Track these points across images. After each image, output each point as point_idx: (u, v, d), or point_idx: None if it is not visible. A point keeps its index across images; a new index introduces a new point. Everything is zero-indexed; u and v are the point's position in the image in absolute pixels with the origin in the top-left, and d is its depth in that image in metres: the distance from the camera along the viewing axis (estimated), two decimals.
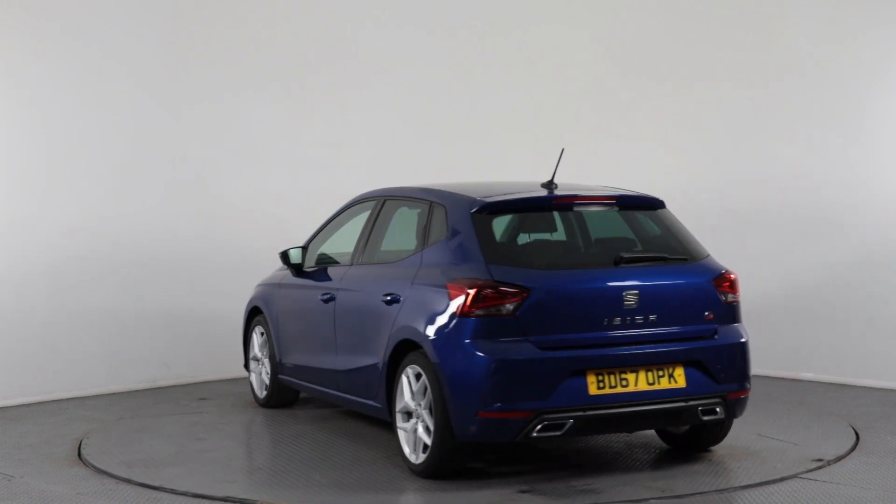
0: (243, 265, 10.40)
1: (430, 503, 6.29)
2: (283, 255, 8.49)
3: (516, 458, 7.06)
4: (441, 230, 6.90)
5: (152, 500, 6.39)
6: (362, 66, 11.13)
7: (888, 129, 9.61)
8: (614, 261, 6.61)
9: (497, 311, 6.27)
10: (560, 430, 6.25)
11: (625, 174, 10.14)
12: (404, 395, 6.78)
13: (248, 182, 10.74)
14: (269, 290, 9.00)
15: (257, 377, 9.16)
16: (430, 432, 6.53)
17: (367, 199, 8.11)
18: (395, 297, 6.98)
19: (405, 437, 6.79)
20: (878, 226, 9.58)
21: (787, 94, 10.18)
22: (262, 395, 9.10)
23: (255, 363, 9.21)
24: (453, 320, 6.36)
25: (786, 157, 10.17)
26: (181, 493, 6.48)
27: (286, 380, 8.71)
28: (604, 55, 11.20)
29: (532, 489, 6.36)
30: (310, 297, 8.18)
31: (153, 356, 10.15)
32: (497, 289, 6.29)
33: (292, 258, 8.46)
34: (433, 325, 6.48)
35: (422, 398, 6.63)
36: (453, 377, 6.31)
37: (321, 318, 7.98)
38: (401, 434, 6.83)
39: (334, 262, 8.22)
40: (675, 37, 10.86)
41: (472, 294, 6.29)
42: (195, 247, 10.41)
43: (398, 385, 6.84)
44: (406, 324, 6.76)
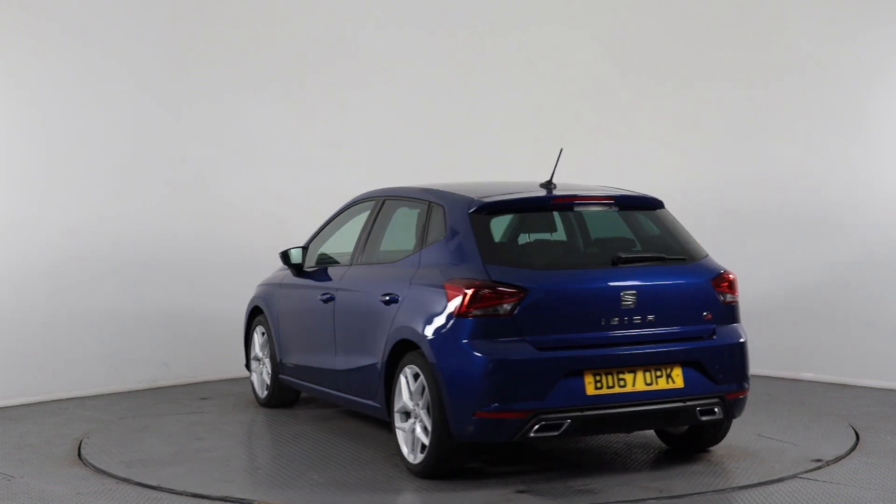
0: (243, 265, 10.40)
1: (427, 503, 6.30)
2: (284, 255, 8.50)
3: (514, 459, 7.05)
4: (439, 230, 6.90)
5: (152, 500, 6.40)
6: (362, 66, 11.13)
7: (888, 129, 9.60)
8: (612, 261, 6.60)
9: (494, 311, 6.27)
10: (557, 431, 6.24)
11: (625, 174, 10.14)
12: (402, 395, 6.78)
13: (248, 182, 10.74)
14: (269, 289, 9.00)
15: (258, 377, 9.17)
16: (427, 432, 6.54)
17: (367, 200, 8.12)
18: (393, 297, 6.98)
19: (403, 437, 6.80)
20: (878, 226, 9.58)
21: (787, 94, 10.18)
22: (262, 395, 9.11)
23: (256, 363, 9.21)
24: (451, 320, 6.36)
25: (786, 157, 10.16)
26: (179, 493, 6.49)
27: (287, 380, 8.71)
28: (604, 55, 11.20)
29: (530, 489, 6.36)
30: (310, 297, 8.18)
31: (153, 356, 10.15)
32: (494, 289, 6.29)
33: (293, 258, 8.47)
34: (431, 326, 6.48)
35: (420, 398, 6.63)
36: (451, 377, 6.31)
37: (321, 318, 7.99)
38: (399, 434, 6.84)
39: (334, 262, 8.22)
40: (675, 37, 10.85)
41: (470, 294, 6.29)
42: (195, 247, 10.41)
43: (396, 385, 6.84)
44: (404, 324, 6.76)
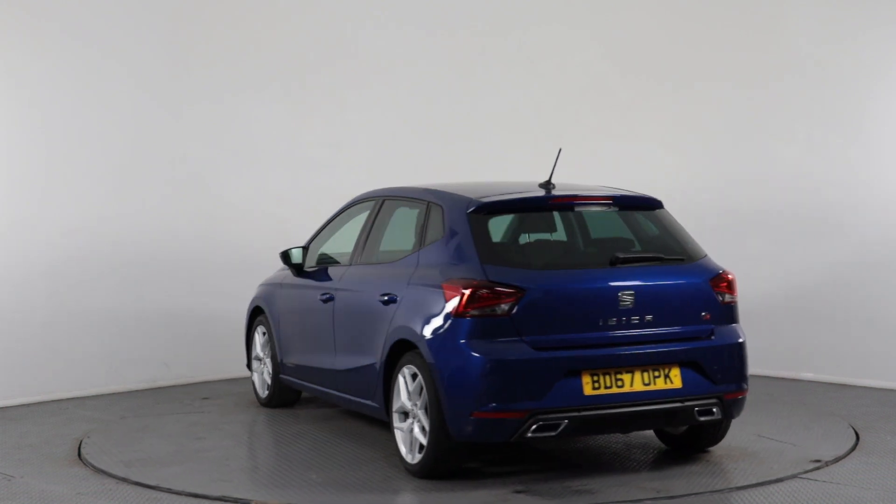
0: (243, 265, 10.40)
1: (424, 503, 6.30)
2: (284, 255, 8.50)
3: (512, 459, 7.05)
4: (438, 230, 6.89)
5: (151, 499, 6.40)
6: (362, 66, 11.13)
7: (888, 129, 9.59)
8: (610, 261, 6.58)
9: (492, 311, 6.26)
10: (555, 431, 6.24)
11: (625, 174, 10.13)
12: (401, 395, 6.78)
13: (248, 182, 10.74)
14: (270, 289, 9.01)
15: (259, 377, 9.18)
16: (426, 432, 6.53)
17: (367, 200, 8.12)
18: (392, 297, 6.98)
19: (402, 437, 6.80)
20: (878, 226, 9.57)
21: (787, 94, 10.17)
22: (263, 395, 9.11)
23: (257, 363, 9.22)
24: (448, 320, 6.35)
25: (786, 157, 10.16)
26: (178, 493, 6.49)
27: (287, 380, 8.72)
28: (604, 55, 11.19)
29: (527, 489, 6.35)
30: (310, 296, 8.18)
31: (153, 356, 10.15)
32: (492, 289, 6.29)
33: (293, 258, 8.47)
34: (429, 326, 6.48)
35: (418, 398, 6.63)
36: (448, 377, 6.31)
37: (321, 317, 7.99)
38: (397, 434, 6.84)
39: (334, 262, 8.22)
40: (675, 37, 10.84)
41: (468, 294, 6.29)
42: (195, 247, 10.42)
43: (395, 385, 6.84)
44: (402, 324, 6.76)
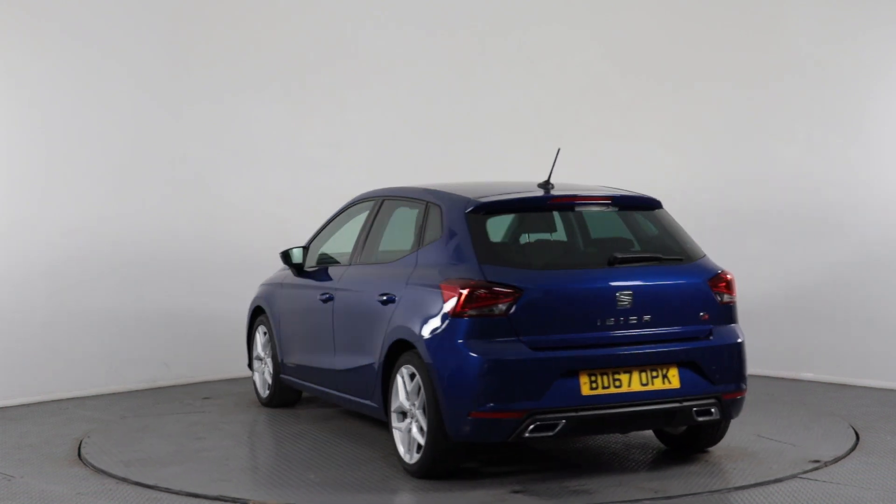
0: (243, 265, 10.41)
1: (422, 503, 6.30)
2: (285, 255, 8.51)
3: (510, 459, 7.05)
4: (436, 230, 6.89)
5: (151, 499, 6.40)
6: (362, 66, 11.13)
7: (888, 129, 9.58)
8: (608, 261, 6.58)
9: (490, 311, 6.26)
10: (552, 431, 6.24)
11: (625, 174, 10.13)
12: (399, 395, 6.78)
13: (248, 182, 10.75)
14: (271, 289, 9.01)
15: (260, 377, 9.18)
16: (424, 432, 6.53)
17: (366, 200, 8.12)
18: (390, 297, 6.98)
19: (400, 437, 6.80)
20: (878, 226, 9.56)
21: (787, 94, 10.16)
22: (264, 395, 9.12)
23: (258, 363, 9.22)
24: (446, 320, 6.36)
25: (786, 157, 10.15)
26: (177, 493, 6.50)
27: (288, 379, 8.72)
28: (604, 55, 11.19)
29: (525, 489, 6.35)
30: (310, 296, 8.19)
31: (153, 356, 10.16)
32: (490, 289, 6.29)
33: (293, 258, 8.48)
34: (427, 326, 6.48)
35: (416, 398, 6.63)
36: (446, 377, 6.31)
37: (320, 317, 7.99)
38: (396, 434, 6.84)
39: (334, 262, 8.23)
40: (675, 37, 10.84)
41: (465, 294, 6.29)
42: (195, 247, 10.42)
43: (393, 385, 6.85)
44: (400, 324, 6.77)
